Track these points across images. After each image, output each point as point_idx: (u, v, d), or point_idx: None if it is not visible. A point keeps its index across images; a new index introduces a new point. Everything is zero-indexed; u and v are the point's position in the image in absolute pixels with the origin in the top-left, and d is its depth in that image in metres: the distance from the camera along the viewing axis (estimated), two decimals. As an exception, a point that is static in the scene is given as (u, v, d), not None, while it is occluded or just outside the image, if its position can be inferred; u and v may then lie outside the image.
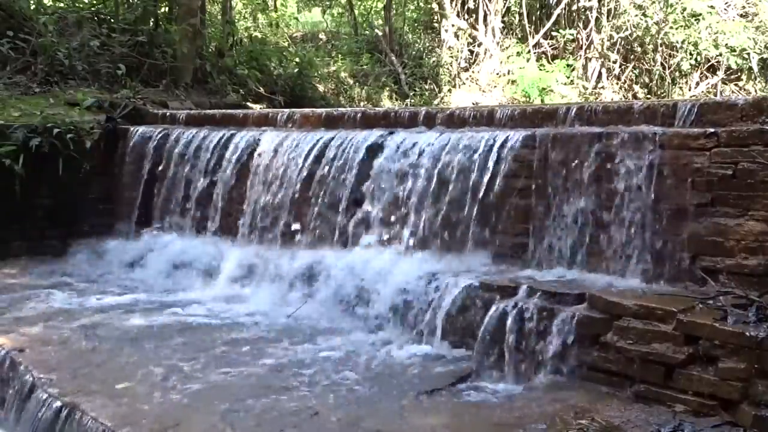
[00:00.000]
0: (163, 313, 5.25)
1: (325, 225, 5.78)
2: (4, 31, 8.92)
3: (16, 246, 7.17)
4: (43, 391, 3.81)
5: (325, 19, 19.27)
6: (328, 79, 13.98)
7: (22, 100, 8.04)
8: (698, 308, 3.63)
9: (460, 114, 5.58)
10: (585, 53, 15.35)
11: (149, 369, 4.11)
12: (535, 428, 3.34)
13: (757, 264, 3.78)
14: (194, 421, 3.41)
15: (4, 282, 6.22)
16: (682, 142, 4.11)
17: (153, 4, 10.94)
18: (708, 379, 3.40)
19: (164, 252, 6.58)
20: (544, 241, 4.66)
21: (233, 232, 6.47)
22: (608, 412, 3.47)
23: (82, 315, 5.20)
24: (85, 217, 7.54)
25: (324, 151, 5.91)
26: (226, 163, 6.64)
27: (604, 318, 3.80)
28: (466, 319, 4.34)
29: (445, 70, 15.51)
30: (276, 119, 6.93)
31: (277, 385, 3.87)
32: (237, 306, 5.43)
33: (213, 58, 11.10)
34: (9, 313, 5.24)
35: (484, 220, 4.90)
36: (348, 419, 3.44)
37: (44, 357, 4.28)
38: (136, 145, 7.54)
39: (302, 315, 5.13)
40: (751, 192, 3.84)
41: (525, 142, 4.80)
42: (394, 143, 5.54)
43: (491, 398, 3.74)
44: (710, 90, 14.51)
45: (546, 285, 4.21)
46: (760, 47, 13.80)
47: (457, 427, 3.41)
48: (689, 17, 14.08)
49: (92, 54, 9.47)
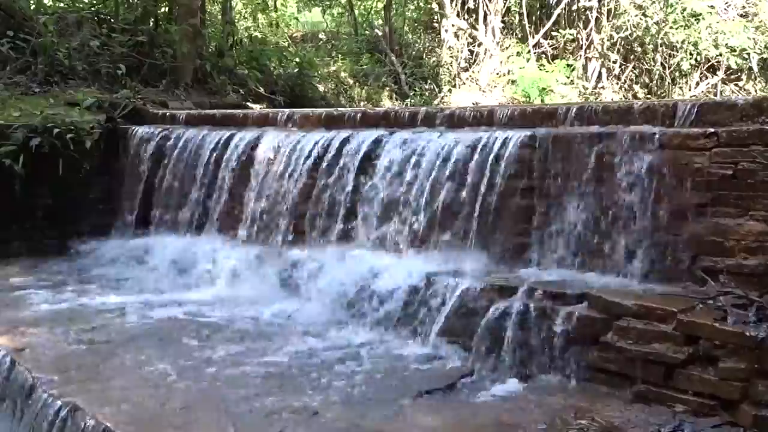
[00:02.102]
0: (163, 313, 5.24)
1: (325, 224, 5.78)
2: (4, 31, 8.93)
3: (16, 246, 7.18)
4: (43, 391, 3.81)
5: (325, 19, 19.26)
6: (328, 79, 13.98)
7: (22, 100, 8.05)
8: (698, 308, 3.63)
9: (460, 114, 5.58)
10: (585, 53, 15.34)
11: (149, 369, 4.11)
12: (535, 428, 3.34)
13: (757, 264, 3.77)
14: (194, 421, 3.41)
15: (4, 282, 6.22)
16: (682, 142, 4.11)
17: (153, 4, 10.94)
18: (708, 379, 3.39)
19: (164, 252, 6.58)
20: (543, 242, 4.66)
21: (233, 232, 6.47)
22: (608, 412, 3.47)
23: (82, 315, 5.20)
24: (85, 216, 7.54)
25: (324, 150, 5.91)
26: (226, 163, 6.64)
27: (604, 318, 3.80)
28: (466, 319, 4.33)
29: (445, 70, 15.51)
30: (276, 119, 6.93)
31: (277, 385, 3.88)
32: (236, 305, 5.42)
33: (213, 58, 11.10)
34: (9, 313, 5.24)
35: (484, 220, 4.90)
36: (348, 419, 3.44)
37: (44, 357, 4.28)
38: (136, 145, 7.55)
39: (302, 315, 5.12)
40: (751, 192, 3.84)
41: (525, 142, 4.79)
42: (394, 143, 5.54)
43: (491, 398, 3.74)
44: (710, 90, 14.50)
45: (546, 285, 4.20)
46: (760, 47, 13.78)
47: (457, 427, 3.41)
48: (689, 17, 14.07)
49: (92, 54, 9.47)
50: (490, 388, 3.86)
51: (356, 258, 5.31)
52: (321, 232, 5.79)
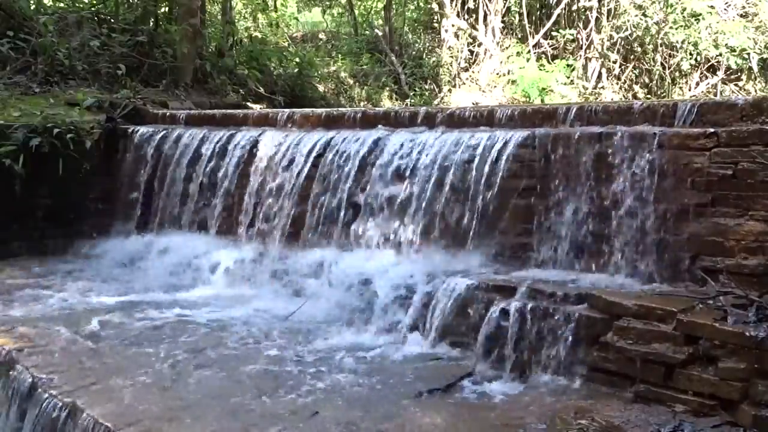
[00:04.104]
0: (163, 313, 5.25)
1: (324, 224, 5.78)
2: (4, 31, 8.93)
3: (16, 246, 7.18)
4: (44, 391, 3.81)
5: (325, 19, 19.27)
6: (328, 79, 13.98)
7: (22, 100, 8.04)
8: (698, 308, 3.63)
9: (460, 114, 5.58)
10: (585, 53, 15.34)
11: (149, 368, 4.11)
12: (535, 428, 3.34)
13: (757, 264, 3.78)
14: (194, 421, 3.41)
15: (4, 282, 6.22)
16: (682, 142, 4.11)
17: (153, 4, 10.95)
18: (708, 379, 3.40)
19: (164, 252, 6.58)
20: (544, 241, 4.67)
21: (233, 232, 6.48)
22: (608, 412, 3.47)
23: (82, 315, 5.20)
24: (85, 216, 7.54)
25: (324, 150, 5.92)
26: (226, 162, 6.65)
27: (604, 318, 3.80)
28: (466, 319, 4.34)
29: (445, 70, 15.51)
30: (276, 119, 6.93)
31: (277, 385, 3.88)
32: (237, 305, 5.43)
33: (213, 58, 11.11)
34: (9, 313, 5.24)
35: (484, 220, 4.90)
36: (347, 419, 3.44)
37: (44, 357, 4.28)
38: (136, 145, 7.55)
39: (302, 315, 5.13)
40: (751, 192, 3.84)
41: (525, 142, 4.80)
42: (394, 143, 5.54)
43: (491, 398, 3.74)
44: (710, 90, 14.50)
45: (546, 285, 4.21)
46: (760, 47, 13.79)
47: (457, 427, 3.41)
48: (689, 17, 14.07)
49: (92, 54, 9.47)
50: (490, 387, 3.86)
51: (356, 258, 5.31)
52: (321, 231, 5.79)
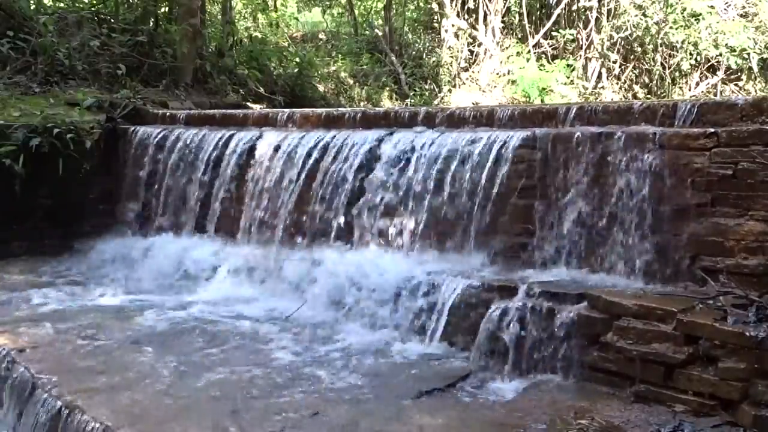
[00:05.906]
0: (163, 313, 5.25)
1: (324, 224, 5.78)
2: (4, 31, 8.92)
3: (16, 246, 7.18)
4: (44, 391, 3.81)
5: (325, 19, 19.26)
6: (328, 79, 13.97)
7: (22, 100, 8.04)
8: (698, 308, 3.63)
9: (460, 114, 5.58)
10: (585, 53, 15.34)
11: (149, 368, 4.11)
12: (535, 428, 3.34)
13: (757, 264, 3.78)
14: (194, 421, 3.41)
15: (4, 282, 6.22)
16: (682, 142, 4.11)
17: (153, 4, 10.94)
18: (708, 379, 3.40)
19: (164, 252, 6.57)
20: (544, 241, 4.67)
21: (233, 232, 6.47)
22: (608, 412, 3.47)
23: (82, 315, 5.20)
24: (85, 217, 7.54)
25: (324, 151, 5.91)
26: (226, 162, 6.64)
27: (604, 318, 3.80)
28: (466, 318, 4.34)
29: (445, 70, 15.51)
30: (276, 119, 6.93)
31: (277, 385, 3.88)
32: (236, 306, 5.43)
33: (213, 58, 11.10)
34: (9, 313, 5.24)
35: (484, 219, 4.90)
36: (347, 419, 3.44)
37: (44, 357, 4.28)
38: (136, 145, 7.54)
39: (302, 315, 5.13)
40: (751, 192, 3.84)
41: (525, 142, 4.80)
42: (393, 143, 5.54)
43: (491, 398, 3.74)
44: (710, 90, 14.50)
45: (546, 285, 4.21)
46: (760, 47, 13.79)
47: (457, 427, 3.41)
48: (689, 17, 14.07)
49: (92, 54, 9.46)
50: (490, 388, 3.87)
51: (356, 258, 5.31)
52: (320, 232, 5.79)
